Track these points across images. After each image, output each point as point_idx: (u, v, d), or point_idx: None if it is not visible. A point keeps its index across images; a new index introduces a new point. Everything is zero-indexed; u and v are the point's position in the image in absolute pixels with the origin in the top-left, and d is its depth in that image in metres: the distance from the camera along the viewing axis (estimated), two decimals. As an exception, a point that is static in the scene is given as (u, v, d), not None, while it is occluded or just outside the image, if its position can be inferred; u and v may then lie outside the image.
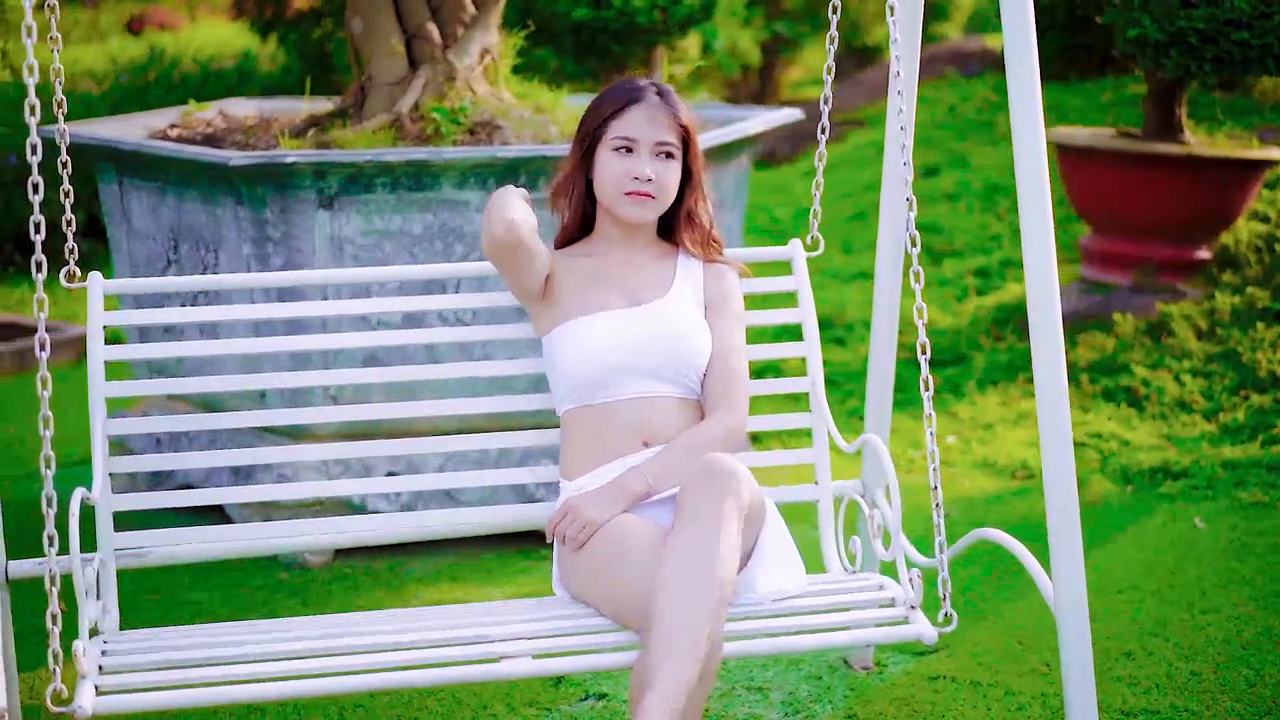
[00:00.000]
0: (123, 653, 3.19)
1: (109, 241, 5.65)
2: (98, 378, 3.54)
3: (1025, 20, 3.32)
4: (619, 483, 3.42)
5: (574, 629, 3.32)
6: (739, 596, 3.38)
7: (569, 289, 3.58)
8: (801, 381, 3.90)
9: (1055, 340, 3.36)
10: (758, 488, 3.37)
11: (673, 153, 3.56)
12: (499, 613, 3.44)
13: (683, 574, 3.08)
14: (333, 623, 3.42)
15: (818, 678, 4.24)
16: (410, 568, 5.13)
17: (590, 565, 3.37)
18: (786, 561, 3.45)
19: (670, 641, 3.02)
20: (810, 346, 3.87)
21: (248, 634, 3.31)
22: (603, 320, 3.52)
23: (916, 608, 3.42)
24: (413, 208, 4.89)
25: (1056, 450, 3.37)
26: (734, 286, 3.69)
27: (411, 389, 4.76)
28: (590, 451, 3.54)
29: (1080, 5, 8.32)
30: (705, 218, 3.67)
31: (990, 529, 3.57)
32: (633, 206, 3.55)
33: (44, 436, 3.02)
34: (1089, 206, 7.48)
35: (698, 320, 3.59)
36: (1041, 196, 3.32)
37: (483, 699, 4.14)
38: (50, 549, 3.00)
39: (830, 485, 3.84)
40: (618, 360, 3.49)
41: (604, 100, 3.59)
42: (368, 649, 3.21)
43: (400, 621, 3.39)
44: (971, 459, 6.06)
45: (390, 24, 5.53)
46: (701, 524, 3.14)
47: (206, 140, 5.55)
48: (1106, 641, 4.35)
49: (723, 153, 5.51)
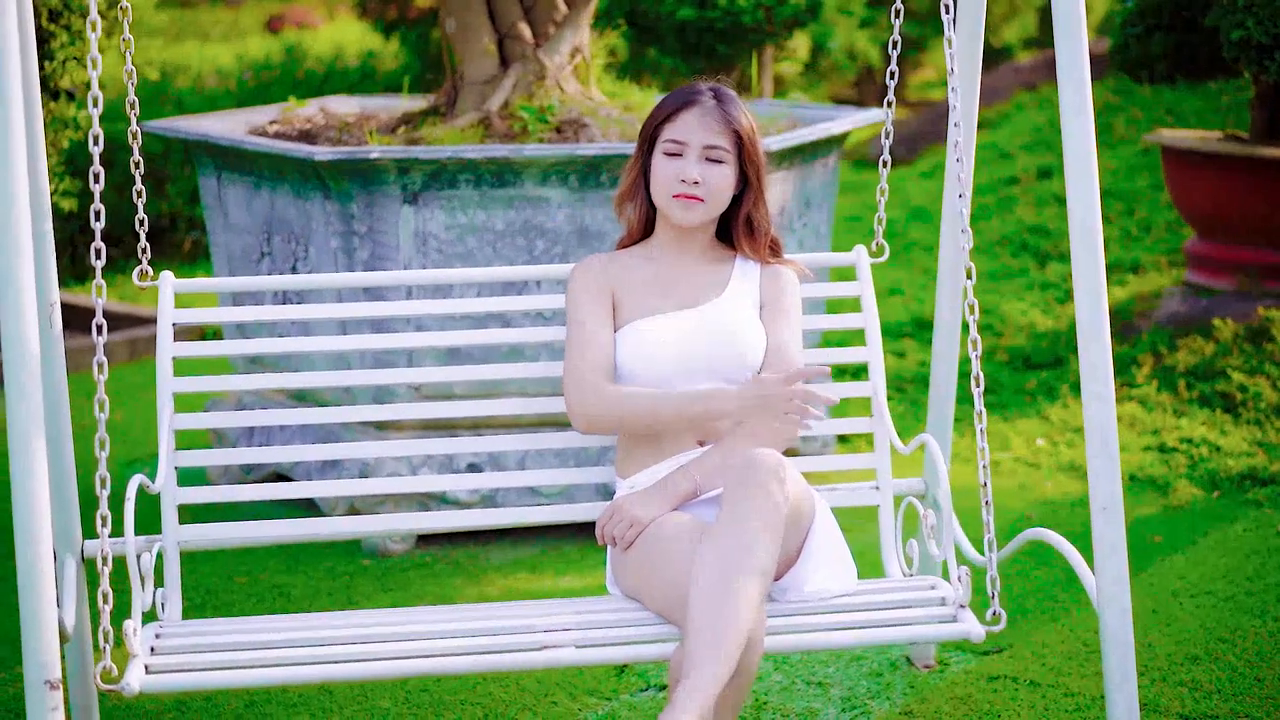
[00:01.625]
0: (176, 636, 3.30)
1: (208, 234, 5.81)
2: (166, 373, 3.66)
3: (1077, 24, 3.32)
4: (667, 482, 3.47)
5: (619, 621, 3.38)
6: (785, 595, 3.41)
7: (628, 292, 3.63)
8: (864, 387, 3.92)
9: (1102, 337, 3.35)
10: (806, 486, 3.40)
11: (722, 158, 3.57)
12: (550, 607, 3.51)
13: (718, 571, 3.12)
14: (385, 616, 3.50)
15: (878, 674, 4.26)
16: (490, 557, 5.22)
17: (637, 562, 3.42)
18: (835, 561, 3.47)
19: (702, 637, 3.06)
20: (872, 352, 3.89)
21: (299, 625, 3.41)
22: (657, 324, 3.57)
23: (965, 606, 3.43)
24: (496, 204, 4.98)
25: (1102, 453, 3.36)
26: (790, 286, 3.70)
27: (493, 382, 4.85)
28: (645, 451, 3.59)
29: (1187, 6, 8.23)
30: (764, 222, 3.69)
31: (1042, 529, 3.57)
32: (680, 209, 3.58)
33: (99, 419, 3.15)
34: (1194, 210, 7.41)
35: (751, 320, 3.62)
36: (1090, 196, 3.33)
37: (545, 686, 4.21)
38: (103, 529, 3.12)
39: (891, 491, 3.86)
40: (671, 363, 3.54)
41: (661, 105, 3.64)
42: (412, 636, 3.29)
43: (450, 614, 3.47)
44: (1058, 462, 6.03)
45: (483, 23, 5.63)
46: (740, 521, 3.17)
47: (302, 136, 5.68)
48: (1174, 646, 4.33)
49: (808, 152, 5.55)
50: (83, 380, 6.91)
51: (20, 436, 2.98)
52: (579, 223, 5.01)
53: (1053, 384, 6.84)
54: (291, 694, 4.17)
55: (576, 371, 3.52)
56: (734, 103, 3.62)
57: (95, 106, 3.18)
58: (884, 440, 3.85)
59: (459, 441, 3.85)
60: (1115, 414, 3.40)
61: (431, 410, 3.84)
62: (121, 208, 8.98)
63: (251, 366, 5.57)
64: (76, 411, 3.82)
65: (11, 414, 2.99)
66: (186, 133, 5.55)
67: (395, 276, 3.90)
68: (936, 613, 3.42)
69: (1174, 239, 8.24)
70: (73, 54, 6.50)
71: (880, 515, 3.85)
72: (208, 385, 3.82)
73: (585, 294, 3.61)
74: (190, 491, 3.71)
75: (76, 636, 3.73)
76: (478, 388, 4.94)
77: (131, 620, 3.16)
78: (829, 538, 3.47)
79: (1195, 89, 9.89)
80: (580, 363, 3.52)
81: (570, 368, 3.54)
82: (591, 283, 3.62)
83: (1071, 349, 7.14)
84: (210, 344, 3.85)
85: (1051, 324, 7.50)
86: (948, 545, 3.56)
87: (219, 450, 3.83)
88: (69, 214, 7.86)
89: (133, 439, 6.34)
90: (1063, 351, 7.11)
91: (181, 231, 9.63)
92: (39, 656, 3.00)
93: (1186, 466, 5.89)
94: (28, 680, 3.00)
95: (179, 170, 9.62)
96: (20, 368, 2.99)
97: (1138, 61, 8.86)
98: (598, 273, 3.65)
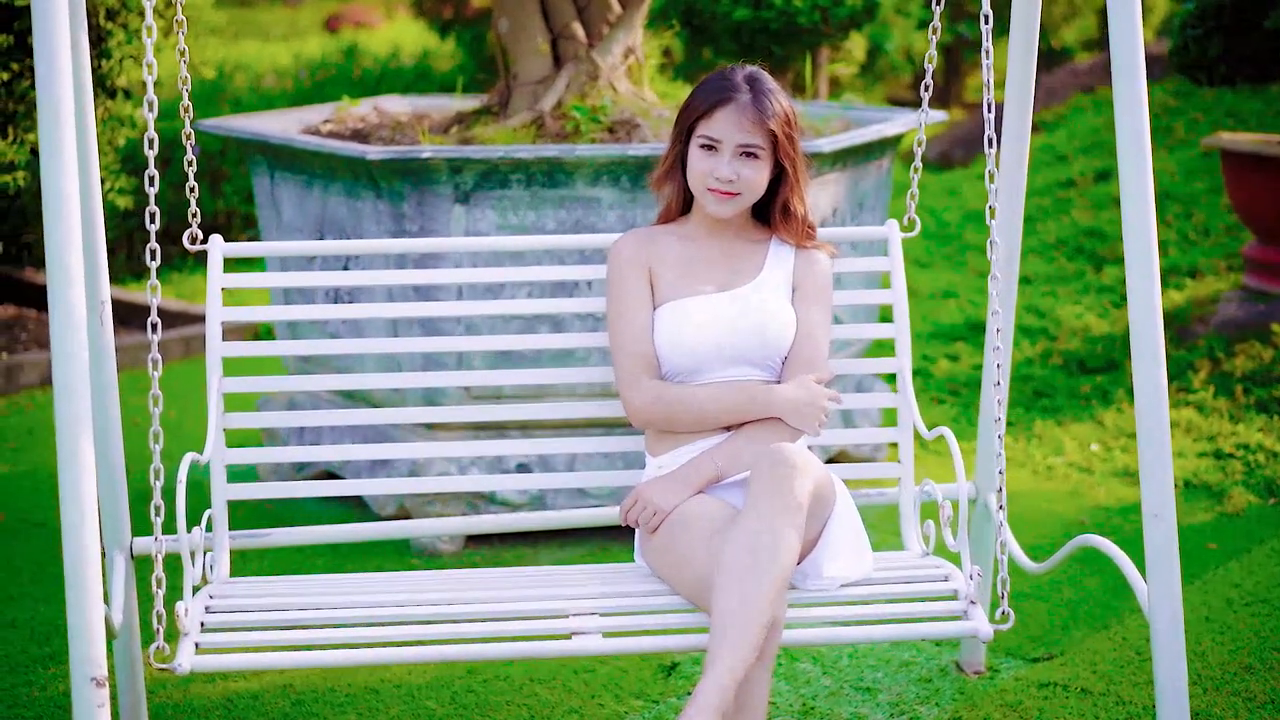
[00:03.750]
0: (227, 610, 3.36)
1: (260, 232, 5.82)
2: (215, 338, 3.73)
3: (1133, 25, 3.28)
4: (690, 467, 3.54)
5: (647, 607, 3.43)
6: (805, 581, 3.46)
7: (665, 271, 3.69)
8: (890, 363, 3.93)
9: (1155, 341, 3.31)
10: (826, 472, 3.44)
11: (757, 153, 3.59)
12: (577, 582, 3.56)
13: (741, 560, 3.18)
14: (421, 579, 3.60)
15: (927, 680, 4.23)
16: (539, 558, 5.21)
17: (662, 546, 3.49)
18: (854, 547, 3.52)
19: (726, 626, 3.12)
20: (900, 327, 3.91)
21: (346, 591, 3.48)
22: (694, 305, 3.63)
23: (976, 603, 3.43)
24: (547, 204, 4.97)
25: (1154, 458, 3.32)
26: (824, 270, 3.75)
27: (543, 385, 4.84)
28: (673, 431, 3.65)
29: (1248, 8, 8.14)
30: (800, 208, 3.72)
31: (1092, 535, 3.53)
32: (715, 203, 3.63)
33: (153, 414, 3.20)
34: (1252, 214, 7.32)
35: (784, 304, 3.67)
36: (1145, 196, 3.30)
37: (592, 688, 4.20)
38: (156, 518, 3.18)
39: (912, 465, 3.89)
40: (707, 344, 3.60)
41: (696, 96, 3.65)
42: (445, 618, 3.34)
43: (477, 583, 3.55)
44: (1112, 467, 5.98)
45: (536, 23, 5.62)
46: (762, 511, 3.23)
47: (355, 135, 5.69)
48: (1227, 655, 4.28)
49: (861, 153, 5.51)
50: (137, 377, 6.98)
51: (69, 436, 2.99)
52: (630, 223, 5.00)
53: (1107, 389, 6.78)
54: (339, 693, 4.18)
55: (626, 370, 3.63)
56: (770, 94, 3.62)
57: (150, 111, 3.20)
58: (908, 417, 3.86)
59: (508, 444, 3.87)
60: (1168, 418, 3.37)
61: (481, 413, 3.87)
62: (179, 206, 9.03)
63: (303, 365, 5.59)
64: (129, 409, 3.85)
65: (60, 413, 3.00)
66: (240, 131, 5.56)
67: (448, 274, 3.92)
68: (946, 608, 3.43)
69: (1232, 243, 8.16)
70: (129, 53, 6.54)
71: (901, 488, 3.87)
72: (259, 385, 3.84)
73: (625, 271, 3.69)
74: (240, 487, 3.73)
75: (124, 633, 3.75)
76: (528, 389, 4.95)
77: (183, 601, 3.20)
78: (848, 524, 3.52)
79: (1257, 92, 9.79)
80: (626, 358, 3.63)
81: (619, 363, 3.65)
82: (630, 259, 3.70)
83: (1127, 354, 7.07)
84: (262, 344, 3.87)
85: (1107, 328, 7.44)
86: (962, 542, 3.54)
87: (270, 449, 3.83)
88: (125, 211, 7.92)
89: (185, 435, 6.37)
90: (1118, 356, 7.05)
91: (237, 229, 9.68)
92: (86, 652, 3.00)
93: (1243, 473, 5.82)
94: (74, 676, 3.01)
95: (235, 169, 9.66)
96: (69, 367, 3.00)
97: (1197, 63, 8.78)
98: (635, 249, 3.71)
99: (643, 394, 3.59)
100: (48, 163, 2.95)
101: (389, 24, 22.26)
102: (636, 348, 3.62)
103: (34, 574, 5.03)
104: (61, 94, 2.98)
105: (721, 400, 3.57)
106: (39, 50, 2.95)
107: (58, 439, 3.00)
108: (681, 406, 3.57)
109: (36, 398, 7.14)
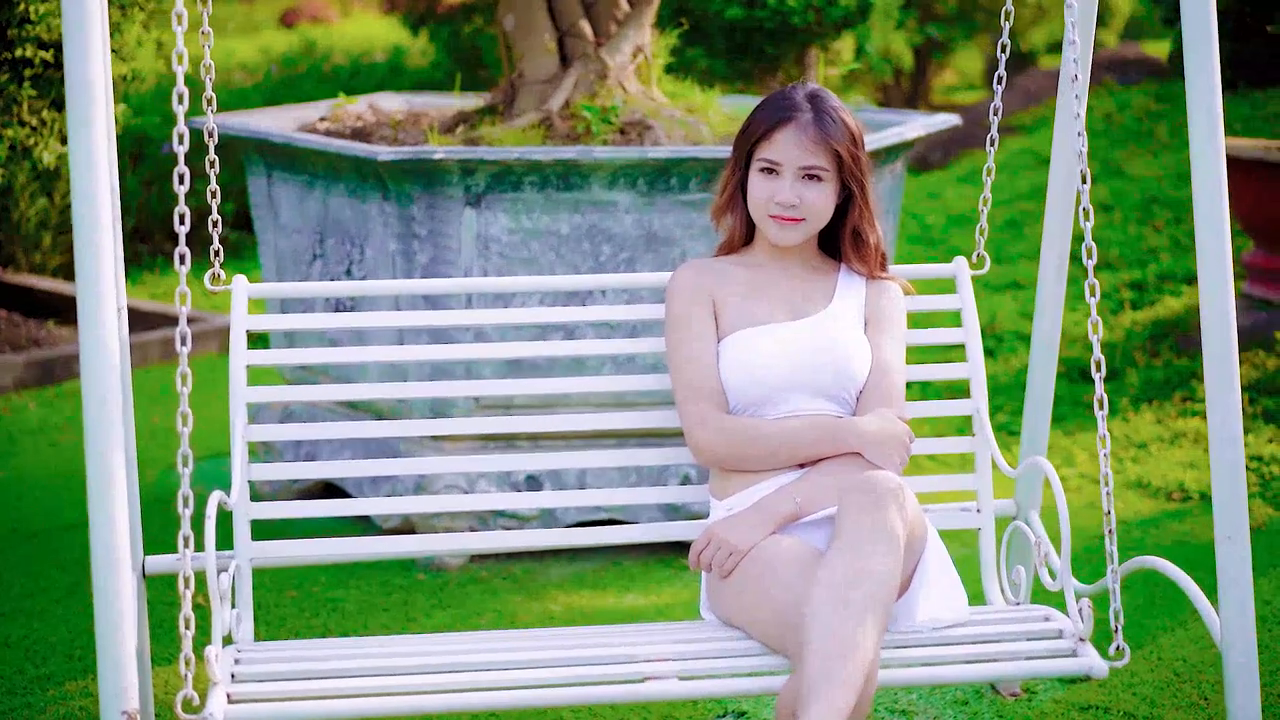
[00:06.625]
0: (257, 661, 3.13)
1: (256, 234, 5.64)
2: (239, 383, 3.48)
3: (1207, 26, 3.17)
4: (765, 504, 3.31)
5: (721, 651, 3.22)
6: (896, 623, 3.26)
7: (730, 299, 3.48)
8: (965, 404, 3.75)
9: (1230, 359, 3.21)
10: (919, 509, 3.25)
11: (821, 175, 3.40)
12: (647, 632, 3.36)
13: (840, 596, 2.97)
14: (474, 638, 3.35)
15: (964, 703, 4.10)
16: (549, 573, 5.06)
17: (739, 589, 3.26)
18: (947, 589, 3.33)
19: (828, 667, 2.91)
20: (974, 368, 3.72)
21: (385, 647, 3.25)
22: (763, 335, 3.42)
23: (1086, 640, 3.29)
24: (561, 207, 4.82)
25: (1228, 477, 3.21)
26: (897, 303, 3.56)
27: (554, 395, 4.69)
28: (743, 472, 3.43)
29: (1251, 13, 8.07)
30: (872, 235, 3.53)
31: (1153, 557, 3.43)
32: (778, 230, 3.44)
33: (182, 434, 2.98)
34: (1253, 221, 7.24)
35: (858, 335, 3.48)
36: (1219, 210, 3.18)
37: (619, 711, 4.04)
38: (185, 550, 2.94)
39: (992, 514, 3.69)
40: (778, 375, 3.39)
41: (756, 117, 3.46)
42: (509, 665, 3.13)
43: (544, 639, 3.31)
44: (1125, 479, 5.86)
45: (543, 21, 5.46)
46: (861, 543, 3.03)
47: (355, 134, 5.52)
48: (1268, 677, 4.17)
49: (875, 158, 5.38)
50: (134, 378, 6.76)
51: (98, 454, 2.84)
52: (647, 228, 4.85)
53: (1110, 398, 6.67)
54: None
55: (692, 405, 3.39)
56: (833, 112, 3.43)
57: (181, 104, 3.02)
58: (985, 460, 3.68)
59: (517, 458, 3.69)
60: (1242, 444, 3.25)
61: (490, 425, 3.67)
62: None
63: (300, 374, 5.41)
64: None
65: (89, 428, 2.84)
66: (237, 129, 5.38)
67: (457, 284, 3.76)
68: (1054, 646, 3.27)
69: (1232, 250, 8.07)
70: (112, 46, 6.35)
71: (981, 539, 3.69)
72: (274, 395, 3.65)
73: (687, 301, 3.47)
74: (259, 507, 3.54)
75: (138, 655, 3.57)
76: (539, 400, 4.78)
77: (213, 646, 3.00)
78: (941, 563, 3.33)
79: (1247, 97, 9.72)
80: (691, 393, 3.40)
81: (683, 398, 3.41)
82: (692, 290, 3.48)
83: (1128, 361, 6.98)
84: (270, 352, 3.68)
85: (1105, 335, 7.33)
86: (1065, 575, 3.40)
87: (285, 464, 3.65)
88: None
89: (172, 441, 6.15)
90: (1119, 363, 6.95)
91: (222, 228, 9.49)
92: (116, 684, 2.86)
93: (1257, 485, 5.71)
94: (104, 711, 2.85)
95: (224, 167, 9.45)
96: (100, 381, 2.84)
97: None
98: (697, 279, 3.50)
99: (711, 430, 3.36)
100: (79, 172, 2.85)
101: (346, 20, 22.03)
102: (703, 382, 3.40)
103: (26, 588, 4.84)
104: (95, 96, 2.84)
105: (797, 435, 3.35)
106: (69, 54, 2.82)
107: (87, 458, 2.84)
108: (752, 442, 3.34)
109: (12, 401, 6.91)
